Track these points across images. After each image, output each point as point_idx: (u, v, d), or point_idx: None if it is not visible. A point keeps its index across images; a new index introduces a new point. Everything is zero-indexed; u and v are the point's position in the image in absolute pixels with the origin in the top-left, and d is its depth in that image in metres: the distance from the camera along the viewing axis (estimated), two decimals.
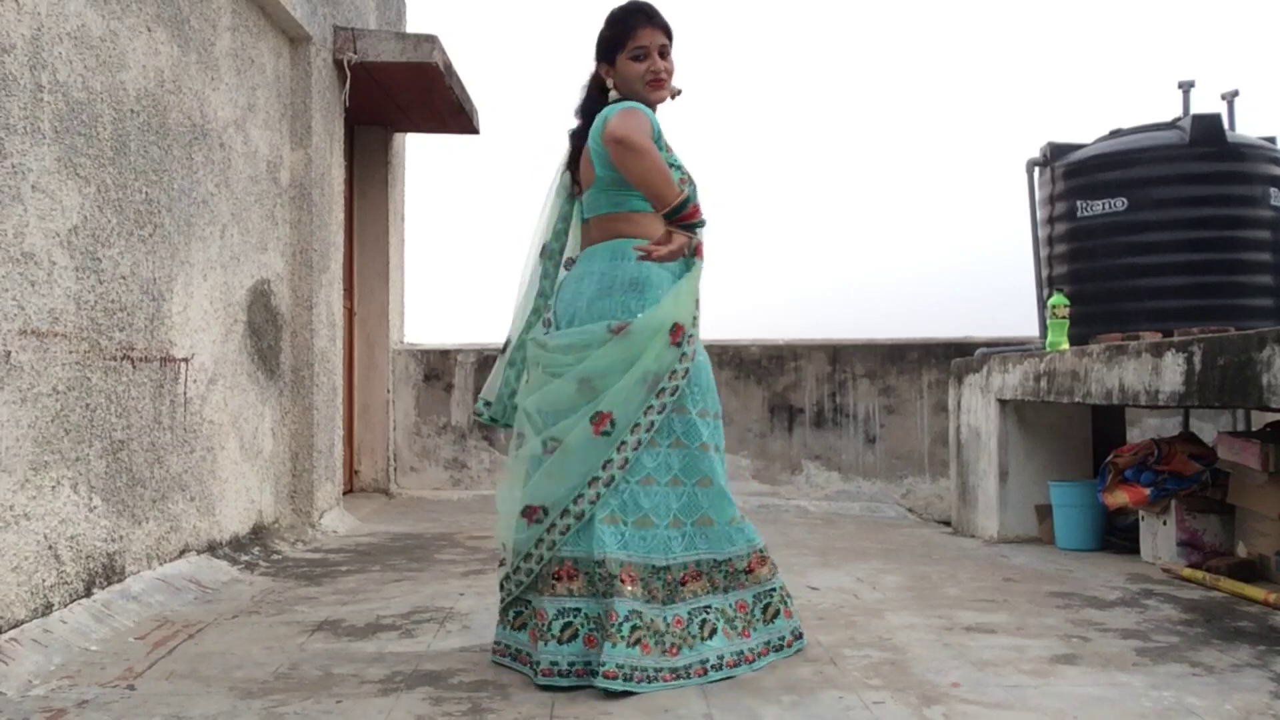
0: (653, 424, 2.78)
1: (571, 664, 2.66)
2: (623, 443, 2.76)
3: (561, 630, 2.68)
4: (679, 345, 2.80)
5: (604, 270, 2.88)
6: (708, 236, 2.96)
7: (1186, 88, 5.56)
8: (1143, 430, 6.77)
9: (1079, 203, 5.56)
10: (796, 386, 7.60)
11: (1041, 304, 5.78)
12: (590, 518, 2.73)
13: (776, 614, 2.92)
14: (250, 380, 4.88)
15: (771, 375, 7.62)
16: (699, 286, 2.92)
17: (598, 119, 2.89)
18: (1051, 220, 5.79)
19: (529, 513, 2.76)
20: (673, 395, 2.80)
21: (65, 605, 3.27)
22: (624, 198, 2.91)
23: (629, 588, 2.67)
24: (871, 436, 7.58)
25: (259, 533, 4.91)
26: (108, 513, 3.59)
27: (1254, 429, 5.08)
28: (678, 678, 2.67)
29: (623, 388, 2.75)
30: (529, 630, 2.79)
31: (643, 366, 2.75)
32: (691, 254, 2.84)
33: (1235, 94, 5.67)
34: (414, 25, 8.07)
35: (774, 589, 2.94)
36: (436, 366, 7.76)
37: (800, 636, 2.99)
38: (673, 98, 3.00)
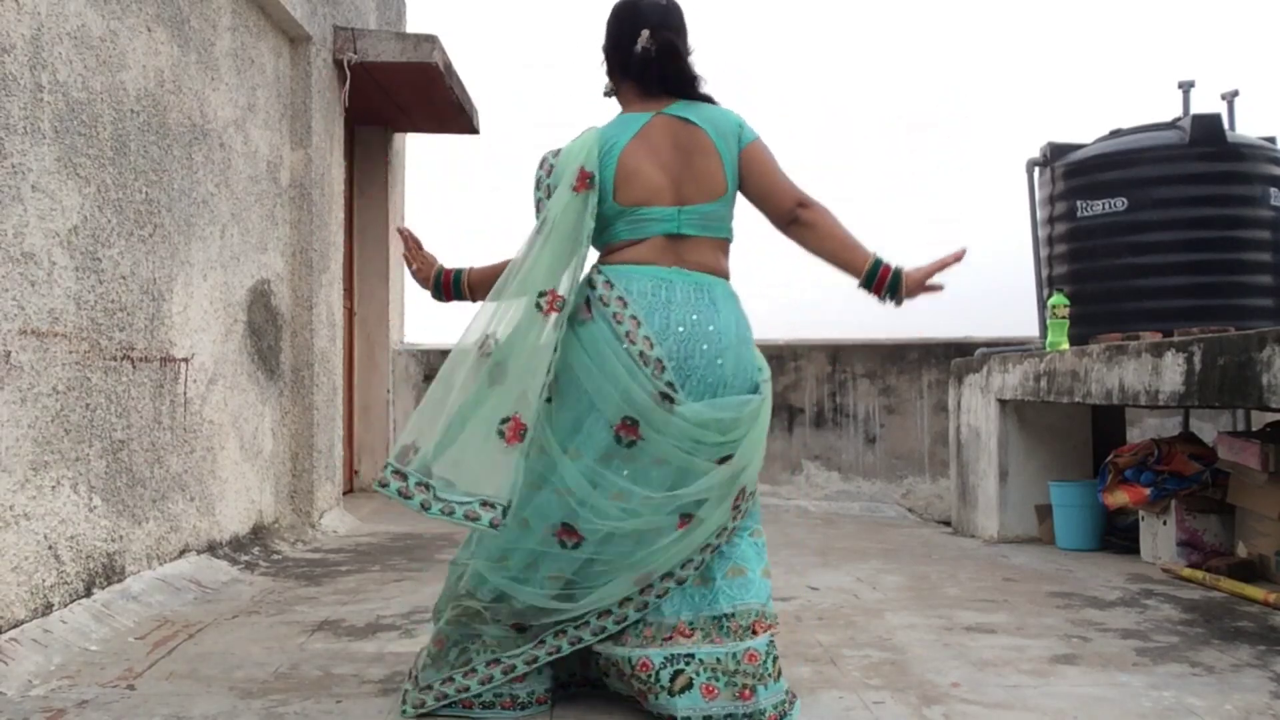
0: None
1: (689, 719, 2.37)
2: (744, 511, 2.54)
3: (671, 679, 2.39)
4: None
5: (734, 317, 2.53)
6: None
7: (1186, 88, 5.56)
8: (1143, 430, 6.77)
9: (1079, 203, 5.56)
10: (796, 386, 7.60)
11: (1041, 304, 5.78)
12: (686, 580, 2.46)
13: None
14: (250, 380, 4.88)
15: (771, 375, 7.62)
16: None
17: (726, 117, 2.56)
18: (1051, 220, 5.79)
19: (641, 579, 2.43)
20: None
21: (65, 605, 3.27)
22: (731, 223, 2.60)
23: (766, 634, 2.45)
24: (871, 436, 7.58)
25: (259, 533, 4.91)
26: (108, 513, 3.59)
27: (1254, 429, 5.08)
28: None
29: (758, 457, 2.53)
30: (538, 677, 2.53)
31: (765, 429, 2.57)
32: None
33: (1235, 94, 5.68)
34: (414, 25, 8.08)
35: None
36: (436, 366, 7.72)
37: None
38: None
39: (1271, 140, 5.56)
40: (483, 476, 2.36)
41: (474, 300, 2.73)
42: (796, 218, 2.54)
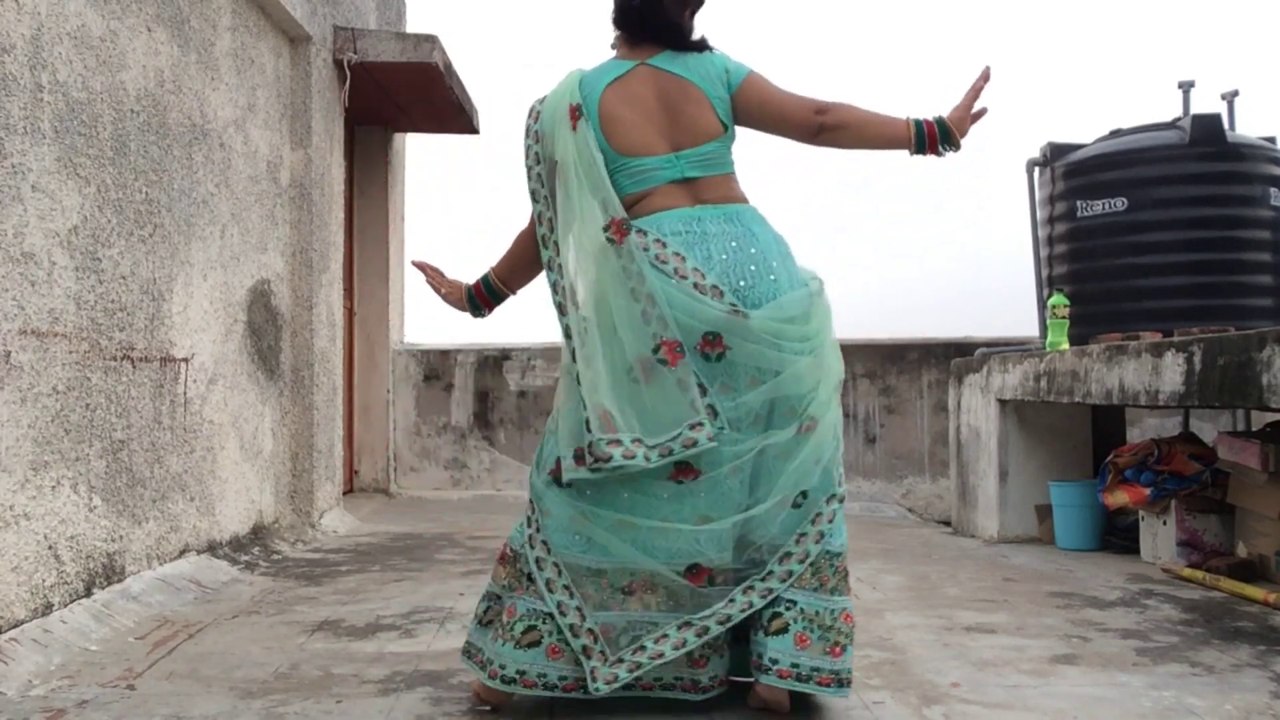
0: None
1: (775, 660, 2.37)
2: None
3: (770, 620, 2.40)
4: None
5: (772, 235, 2.51)
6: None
7: (1186, 88, 5.56)
8: (1143, 430, 6.77)
9: (1079, 203, 5.56)
10: None
11: (1041, 304, 5.78)
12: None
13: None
14: (250, 380, 4.88)
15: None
16: None
17: (710, 63, 2.53)
18: (1051, 220, 5.79)
19: (796, 500, 2.42)
20: None
21: (65, 605, 3.27)
22: (731, 157, 2.58)
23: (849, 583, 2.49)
24: (871, 436, 7.58)
25: (259, 533, 4.91)
26: (108, 513, 3.59)
27: (1254, 429, 5.08)
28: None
29: (835, 356, 2.53)
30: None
31: (832, 326, 2.56)
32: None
33: (1235, 94, 5.68)
34: (414, 25, 8.08)
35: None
36: (436, 366, 7.76)
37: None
38: None
39: (1271, 140, 5.56)
40: (677, 408, 2.33)
41: (513, 292, 2.75)
42: (821, 126, 2.50)
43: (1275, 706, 2.57)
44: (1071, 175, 5.64)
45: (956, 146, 2.51)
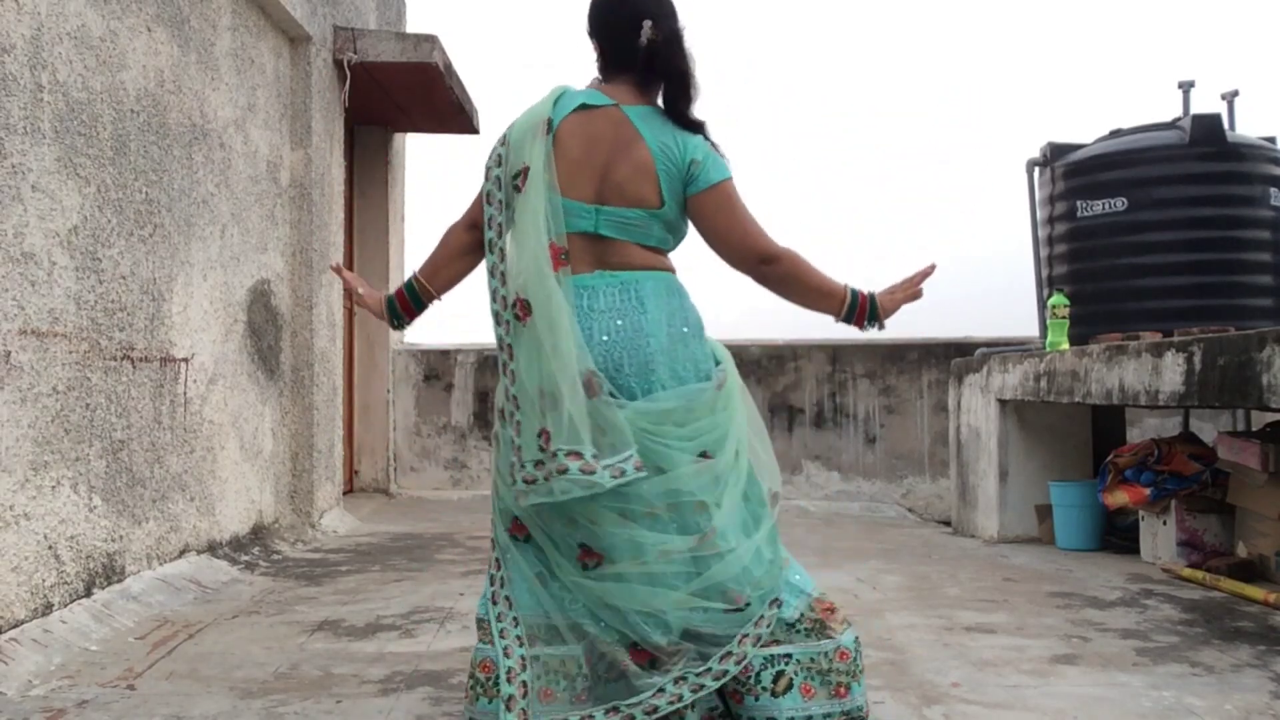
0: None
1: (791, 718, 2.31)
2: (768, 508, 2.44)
3: (774, 680, 2.33)
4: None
5: (665, 312, 2.35)
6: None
7: (1186, 88, 5.56)
8: (1143, 430, 6.77)
9: (1079, 203, 5.56)
10: (796, 386, 7.60)
11: (1041, 304, 5.78)
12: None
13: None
14: (250, 380, 4.88)
15: (771, 375, 7.63)
16: None
17: (684, 146, 2.37)
18: (1051, 220, 5.79)
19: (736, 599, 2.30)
20: None
21: (65, 605, 3.27)
22: (674, 238, 2.43)
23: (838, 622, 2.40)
24: (871, 436, 7.58)
25: (259, 533, 4.91)
26: (108, 513, 3.59)
27: (1254, 429, 5.08)
28: None
29: (737, 449, 2.38)
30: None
31: (744, 414, 2.45)
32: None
33: (1235, 94, 5.68)
34: (414, 25, 8.08)
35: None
36: (436, 366, 7.76)
37: None
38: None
39: (1271, 140, 5.56)
40: (612, 435, 2.23)
41: (439, 296, 2.60)
42: (763, 276, 2.42)
43: (1275, 706, 2.57)
44: (1071, 175, 5.64)
45: (881, 326, 2.50)
